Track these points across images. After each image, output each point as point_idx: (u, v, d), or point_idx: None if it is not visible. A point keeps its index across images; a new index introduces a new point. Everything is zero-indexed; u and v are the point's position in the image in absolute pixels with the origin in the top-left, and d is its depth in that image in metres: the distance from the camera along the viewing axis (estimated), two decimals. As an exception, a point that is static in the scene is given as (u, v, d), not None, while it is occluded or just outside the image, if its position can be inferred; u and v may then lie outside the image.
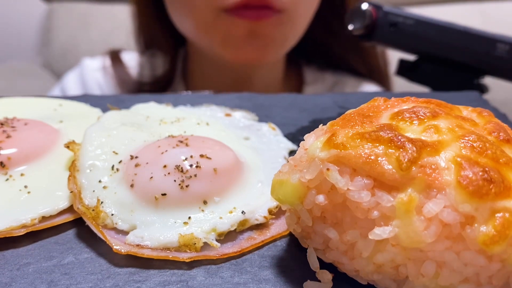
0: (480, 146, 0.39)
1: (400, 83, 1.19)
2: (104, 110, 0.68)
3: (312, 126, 0.71)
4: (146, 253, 0.46)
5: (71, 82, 1.30)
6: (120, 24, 1.72)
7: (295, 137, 0.68)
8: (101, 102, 0.72)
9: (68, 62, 1.86)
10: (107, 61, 1.29)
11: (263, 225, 0.51)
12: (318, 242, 0.43)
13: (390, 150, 0.38)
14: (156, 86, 1.23)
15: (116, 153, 0.55)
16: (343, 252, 0.42)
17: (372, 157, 0.38)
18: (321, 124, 0.47)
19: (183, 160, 0.52)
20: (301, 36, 1.09)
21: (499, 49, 0.86)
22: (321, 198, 0.41)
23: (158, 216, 0.49)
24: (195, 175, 0.51)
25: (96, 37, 2.00)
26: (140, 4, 1.23)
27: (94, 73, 1.28)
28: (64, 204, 0.51)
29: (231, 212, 0.50)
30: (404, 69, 0.97)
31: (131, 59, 1.31)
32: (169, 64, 1.24)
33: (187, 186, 0.50)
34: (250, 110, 0.73)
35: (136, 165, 0.52)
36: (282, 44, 1.05)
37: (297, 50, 1.14)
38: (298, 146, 0.46)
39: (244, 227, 0.50)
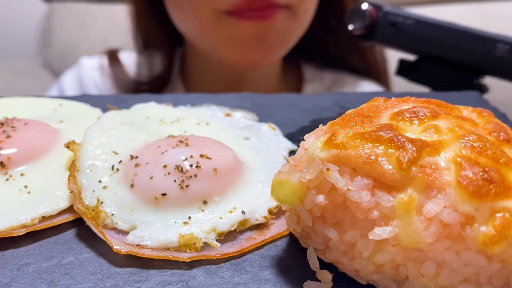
0: (480, 146, 0.39)
1: (400, 83, 1.19)
2: (104, 110, 0.68)
3: (312, 126, 0.71)
4: (146, 253, 0.46)
5: (69, 82, 1.30)
6: (120, 24, 1.72)
7: (295, 137, 0.68)
8: (101, 102, 0.72)
9: (68, 62, 1.85)
10: (105, 61, 1.29)
11: (263, 225, 0.51)
12: (318, 242, 0.43)
13: (390, 150, 0.38)
14: (153, 85, 1.23)
15: (116, 153, 0.55)
16: (343, 252, 0.42)
17: (372, 157, 0.38)
18: (321, 124, 0.47)
19: (183, 160, 0.52)
20: (303, 32, 1.09)
21: (499, 49, 0.86)
22: (321, 198, 0.41)
23: (158, 216, 0.49)
24: (195, 175, 0.51)
25: (96, 37, 2.00)
26: (138, 3, 1.24)
27: (91, 72, 1.28)
28: (64, 204, 0.51)
29: (231, 212, 0.50)
30: (404, 69, 0.97)
31: (129, 59, 1.30)
32: (166, 63, 1.24)
33: (187, 186, 0.50)
34: (250, 110, 0.73)
35: (136, 165, 0.52)
36: (287, 41, 1.05)
37: (295, 48, 1.14)
38: (298, 146, 0.46)
39: (244, 227, 0.50)
